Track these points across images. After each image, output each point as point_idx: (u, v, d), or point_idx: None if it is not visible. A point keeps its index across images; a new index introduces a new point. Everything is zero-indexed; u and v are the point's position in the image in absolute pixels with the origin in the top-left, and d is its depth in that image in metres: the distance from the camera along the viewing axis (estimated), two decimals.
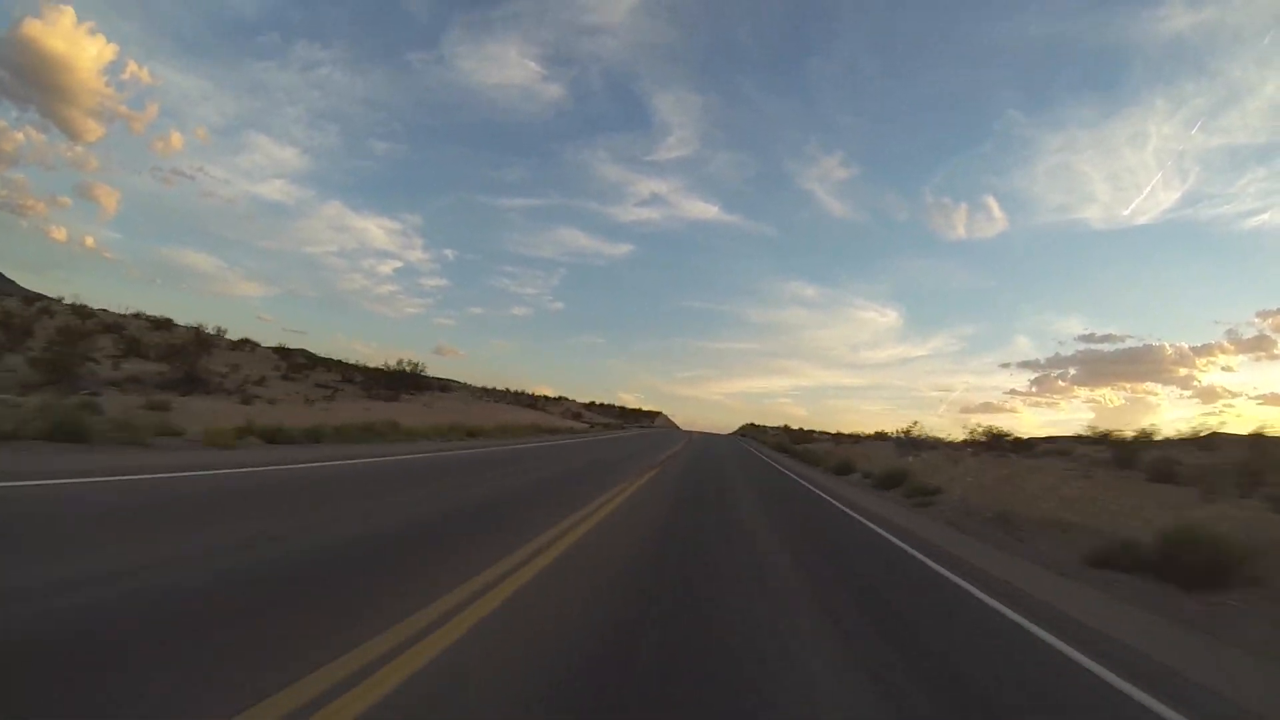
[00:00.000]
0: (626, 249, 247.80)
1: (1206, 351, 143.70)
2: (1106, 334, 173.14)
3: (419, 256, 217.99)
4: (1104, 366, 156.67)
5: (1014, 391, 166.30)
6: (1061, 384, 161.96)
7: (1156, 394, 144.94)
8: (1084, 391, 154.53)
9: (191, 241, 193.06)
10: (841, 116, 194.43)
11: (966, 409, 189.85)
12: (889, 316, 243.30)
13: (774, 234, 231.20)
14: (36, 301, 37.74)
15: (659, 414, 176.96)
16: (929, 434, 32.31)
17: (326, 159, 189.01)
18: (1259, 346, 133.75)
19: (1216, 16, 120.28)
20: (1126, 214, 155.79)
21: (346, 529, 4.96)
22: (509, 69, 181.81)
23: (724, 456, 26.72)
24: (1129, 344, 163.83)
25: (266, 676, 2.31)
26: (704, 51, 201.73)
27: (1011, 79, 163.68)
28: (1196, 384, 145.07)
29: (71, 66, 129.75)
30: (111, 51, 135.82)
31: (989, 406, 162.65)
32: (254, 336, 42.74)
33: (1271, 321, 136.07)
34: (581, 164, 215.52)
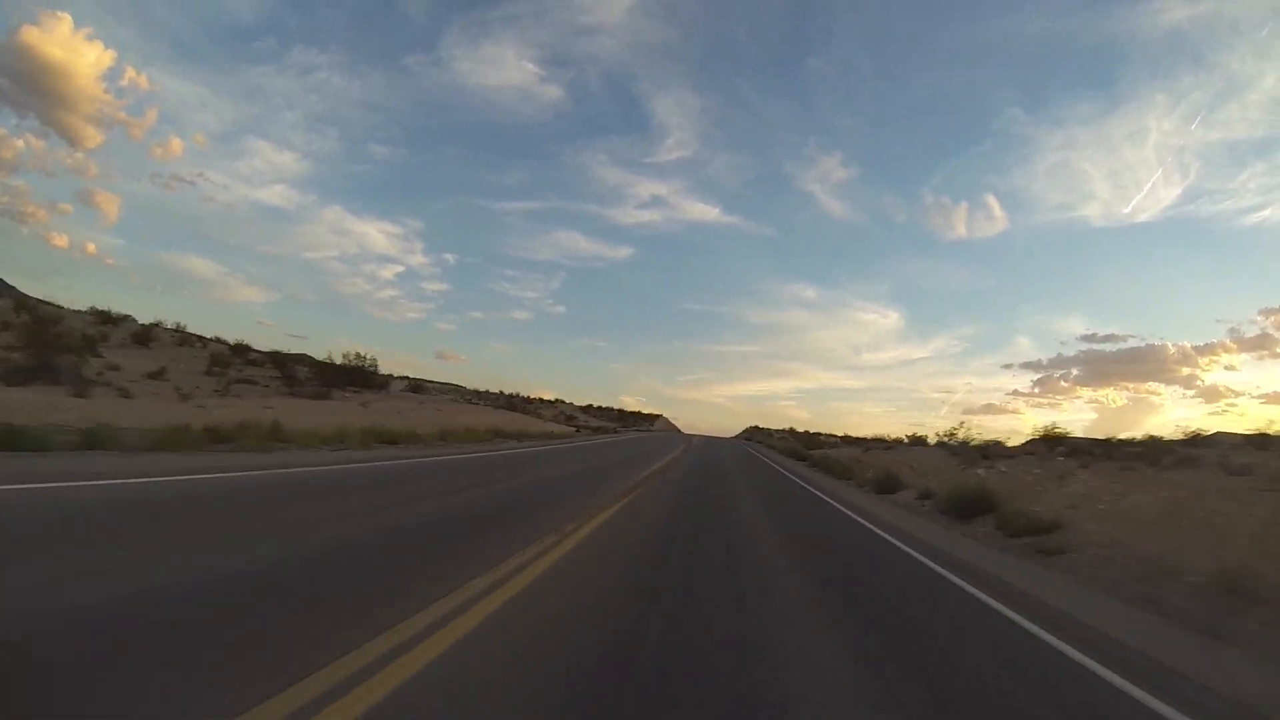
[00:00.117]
0: (627, 251, 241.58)
1: (1209, 350, 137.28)
2: (1108, 334, 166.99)
3: (419, 260, 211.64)
4: (1106, 366, 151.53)
5: (1016, 392, 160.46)
6: (1064, 384, 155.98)
7: (1160, 394, 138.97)
8: (1087, 392, 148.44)
9: (192, 247, 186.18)
10: (840, 117, 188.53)
11: (969, 410, 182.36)
12: (890, 318, 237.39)
13: (774, 235, 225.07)
14: None
15: (659, 417, 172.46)
16: (979, 435, 25.21)
17: (326, 163, 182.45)
18: (1262, 345, 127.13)
19: (1214, 8, 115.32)
20: (1127, 211, 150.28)
21: None
22: (507, 70, 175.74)
23: (729, 469, 21.14)
24: (1131, 344, 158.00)
25: None
26: (702, 52, 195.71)
27: (1009, 77, 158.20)
28: (1200, 383, 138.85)
29: (70, 73, 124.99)
30: (109, 58, 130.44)
31: (991, 408, 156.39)
32: (255, 342, 38.89)
33: (1274, 319, 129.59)
34: (581, 166, 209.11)
